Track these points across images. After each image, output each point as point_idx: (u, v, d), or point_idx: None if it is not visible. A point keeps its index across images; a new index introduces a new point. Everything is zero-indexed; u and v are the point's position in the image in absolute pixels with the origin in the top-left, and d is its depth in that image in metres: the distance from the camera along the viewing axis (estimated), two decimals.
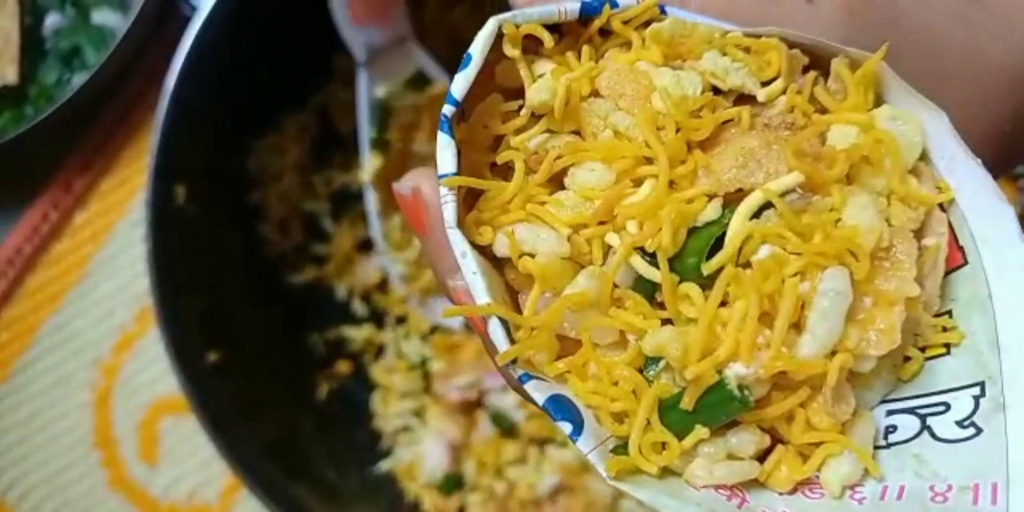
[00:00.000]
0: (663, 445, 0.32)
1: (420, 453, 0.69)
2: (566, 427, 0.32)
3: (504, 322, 0.32)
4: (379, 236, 0.67)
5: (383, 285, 0.73)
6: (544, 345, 0.33)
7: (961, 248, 0.34)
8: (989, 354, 0.33)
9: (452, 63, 0.40)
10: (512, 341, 0.32)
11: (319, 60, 0.69)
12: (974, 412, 0.33)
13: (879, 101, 0.35)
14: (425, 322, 0.71)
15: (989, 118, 0.36)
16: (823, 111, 0.35)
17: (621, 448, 0.32)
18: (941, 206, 0.34)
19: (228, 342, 0.64)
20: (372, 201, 0.66)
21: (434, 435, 0.69)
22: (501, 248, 0.34)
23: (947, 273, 0.35)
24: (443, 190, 0.33)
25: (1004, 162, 0.34)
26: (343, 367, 0.72)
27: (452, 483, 0.69)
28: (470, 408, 0.70)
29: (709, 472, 0.33)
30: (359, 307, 0.73)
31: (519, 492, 0.67)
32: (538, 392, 0.32)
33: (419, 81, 0.65)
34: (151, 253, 0.60)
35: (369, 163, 0.65)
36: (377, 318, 0.73)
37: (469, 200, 0.35)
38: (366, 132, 0.64)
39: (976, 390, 0.33)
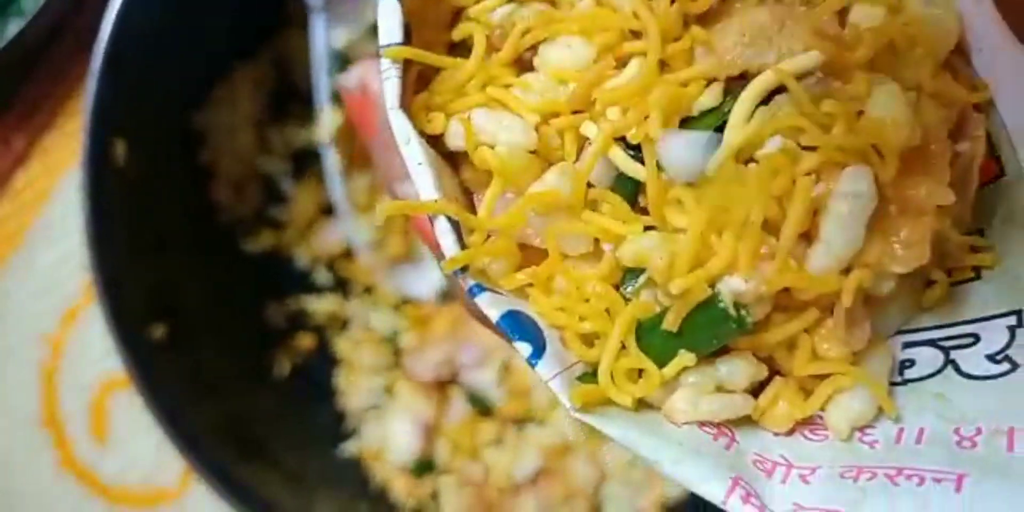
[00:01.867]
0: (640, 373, 0.28)
1: (389, 434, 0.65)
2: (524, 349, 0.27)
3: (455, 224, 0.28)
4: (342, 199, 0.62)
5: (349, 252, 0.68)
6: (503, 251, 0.29)
7: (997, 157, 0.30)
8: None
9: None
10: (464, 248, 0.28)
11: (275, 5, 0.64)
12: (1009, 344, 0.29)
13: None
14: (394, 292, 0.67)
15: None
16: None
17: (589, 376, 0.28)
18: (976, 108, 0.30)
19: (176, 315, 0.59)
20: (332, 161, 0.61)
21: (404, 414, 0.65)
22: (455, 139, 0.30)
23: (981, 186, 0.31)
24: (385, 63, 0.28)
25: None
26: (305, 341, 0.67)
27: (423, 466, 0.65)
28: (443, 385, 0.66)
29: (694, 406, 0.28)
30: (322, 276, 0.68)
31: (496, 476, 0.63)
32: (492, 307, 0.28)
33: None
34: (87, 219, 0.55)
35: (328, 120, 0.59)
36: (342, 288, 0.68)
37: (420, 87, 0.30)
38: (324, 85, 0.59)
39: (1012, 319, 0.29)
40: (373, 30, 0.59)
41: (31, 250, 0.68)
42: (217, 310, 0.63)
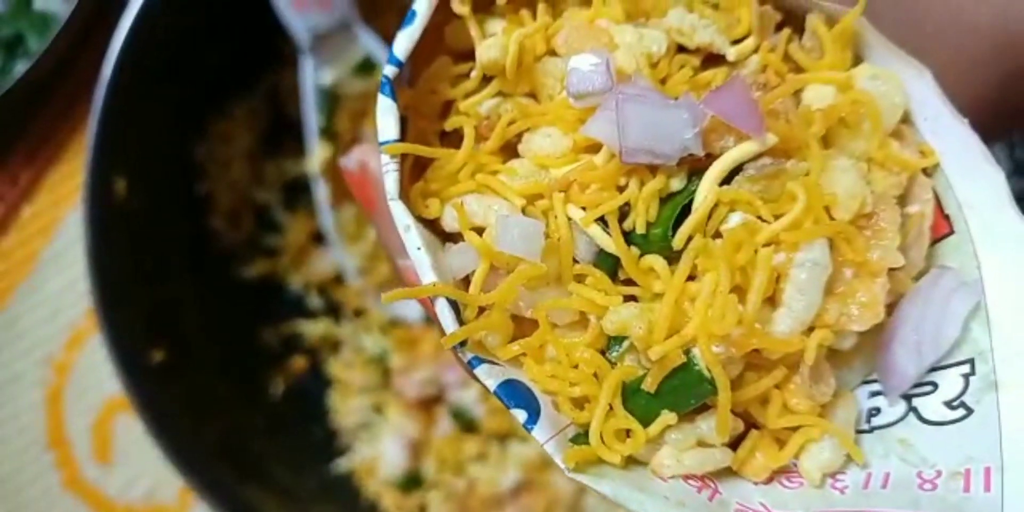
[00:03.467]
0: (627, 433, 0.30)
1: (379, 450, 0.67)
2: (521, 415, 0.29)
3: (453, 303, 0.30)
4: (331, 228, 0.65)
5: (340, 277, 0.70)
6: (496, 325, 0.30)
7: (947, 216, 0.32)
8: (978, 330, 0.31)
9: None
10: (462, 323, 0.30)
11: (268, 43, 0.66)
12: (963, 392, 0.31)
13: (857, 60, 0.33)
14: (383, 315, 0.69)
15: (973, 84, 0.34)
16: (798, 71, 0.32)
17: (582, 437, 0.30)
18: (925, 171, 0.32)
19: (175, 340, 0.61)
20: (322, 193, 0.64)
21: (393, 432, 0.67)
22: (450, 221, 0.32)
23: (932, 243, 0.33)
24: (384, 158, 0.31)
25: (988, 132, 0.32)
26: (299, 363, 0.70)
27: (411, 481, 0.67)
28: (430, 404, 0.68)
29: (677, 461, 0.31)
30: (315, 301, 0.70)
31: (480, 490, 0.65)
32: (490, 377, 0.30)
33: (367, 67, 0.62)
34: (89, 251, 0.58)
35: (318, 153, 0.62)
36: (334, 312, 0.71)
37: (416, 172, 0.33)
38: (313, 121, 0.62)
39: (966, 368, 0.31)
40: (357, 69, 0.62)
41: (39, 278, 0.70)
42: (214, 334, 0.65)
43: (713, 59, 0.33)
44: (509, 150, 0.33)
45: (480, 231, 0.31)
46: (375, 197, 0.35)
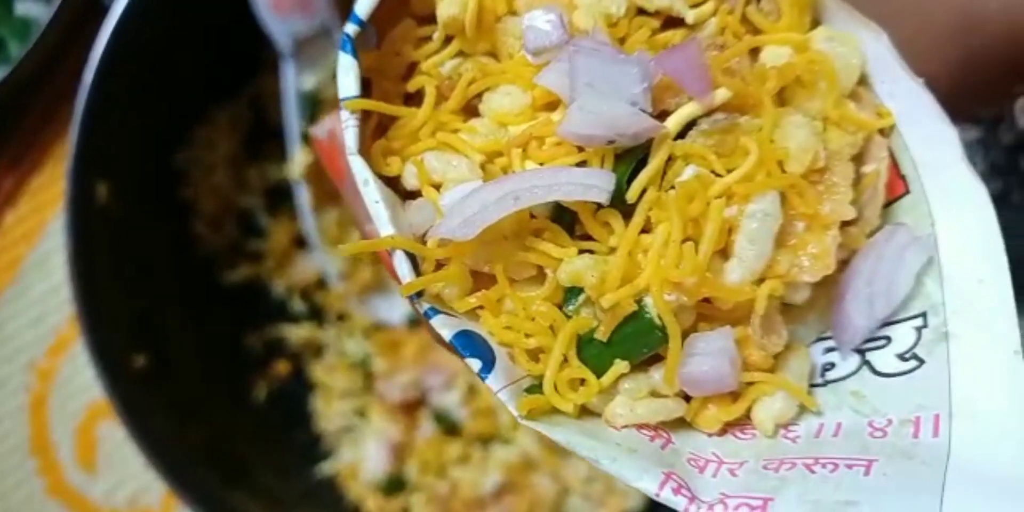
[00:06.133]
0: (581, 382, 0.31)
1: (362, 454, 0.68)
2: (475, 364, 0.30)
3: (411, 256, 0.31)
4: (313, 233, 0.65)
5: (323, 282, 0.71)
6: (454, 277, 0.31)
7: (903, 176, 0.33)
8: (931, 284, 0.32)
9: None
10: (419, 276, 0.31)
11: (249, 49, 0.67)
12: (916, 344, 0.32)
13: (816, 25, 0.34)
14: (366, 319, 0.69)
15: (937, 60, 0.34)
16: (756, 35, 0.33)
17: (536, 388, 0.31)
18: (882, 132, 0.33)
19: (158, 345, 0.62)
20: (304, 197, 0.64)
21: (376, 435, 0.68)
22: (410, 178, 0.32)
23: (890, 203, 0.34)
24: (344, 114, 0.31)
25: (952, 110, 0.32)
26: (282, 367, 0.70)
27: (394, 484, 0.67)
28: (412, 407, 0.69)
29: (630, 410, 0.31)
30: (298, 305, 0.71)
31: (462, 492, 0.66)
32: (445, 328, 0.30)
33: None
34: (71, 255, 0.58)
35: (299, 158, 0.63)
36: (317, 316, 0.71)
37: (379, 134, 0.33)
38: (295, 126, 0.62)
39: (918, 321, 0.32)
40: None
41: (23, 284, 0.70)
42: (197, 339, 0.66)
43: (673, 22, 0.33)
44: (471, 112, 0.34)
45: (439, 188, 0.32)
46: (343, 167, 0.35)
